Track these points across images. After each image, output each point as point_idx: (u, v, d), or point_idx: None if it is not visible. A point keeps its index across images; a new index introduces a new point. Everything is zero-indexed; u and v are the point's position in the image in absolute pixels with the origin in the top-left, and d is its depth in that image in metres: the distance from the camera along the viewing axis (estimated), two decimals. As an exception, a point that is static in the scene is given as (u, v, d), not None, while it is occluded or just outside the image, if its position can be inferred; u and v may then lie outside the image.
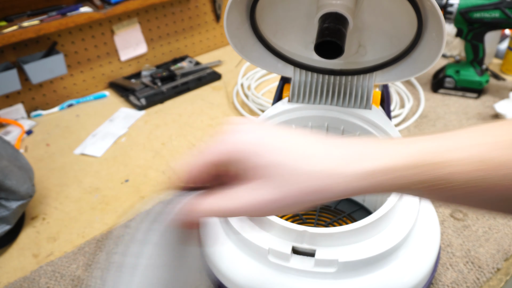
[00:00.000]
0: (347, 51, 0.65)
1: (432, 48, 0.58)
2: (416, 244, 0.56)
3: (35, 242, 0.76)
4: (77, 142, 1.01)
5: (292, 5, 0.62)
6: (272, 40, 0.65)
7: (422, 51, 0.60)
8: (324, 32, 0.54)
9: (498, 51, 1.28)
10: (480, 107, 1.07)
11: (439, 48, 0.56)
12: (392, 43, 0.63)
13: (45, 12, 1.03)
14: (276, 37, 0.65)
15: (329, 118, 0.67)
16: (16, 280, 0.68)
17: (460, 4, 1.00)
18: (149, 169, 0.92)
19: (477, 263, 0.68)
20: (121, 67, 1.24)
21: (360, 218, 0.68)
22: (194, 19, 1.33)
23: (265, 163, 0.34)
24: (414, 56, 0.62)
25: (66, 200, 0.85)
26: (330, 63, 0.66)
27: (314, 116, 0.67)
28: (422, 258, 0.55)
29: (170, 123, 1.07)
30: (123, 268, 0.37)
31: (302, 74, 0.67)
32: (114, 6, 1.08)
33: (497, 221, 0.75)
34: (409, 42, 0.61)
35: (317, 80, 0.67)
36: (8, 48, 1.02)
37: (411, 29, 0.60)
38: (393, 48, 0.63)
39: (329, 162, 0.33)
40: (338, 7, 0.55)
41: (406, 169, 0.32)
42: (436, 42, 0.56)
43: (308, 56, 0.66)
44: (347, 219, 0.71)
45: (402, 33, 0.62)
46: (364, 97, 0.66)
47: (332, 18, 0.55)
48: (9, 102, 1.08)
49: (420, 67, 0.61)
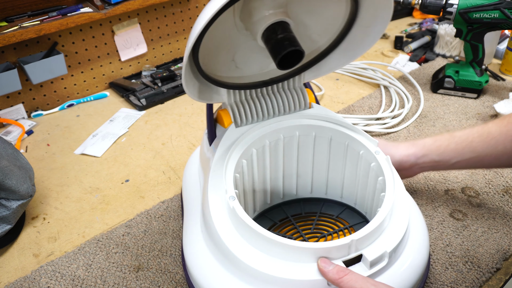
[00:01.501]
0: (266, 59, 0.64)
1: (362, 37, 0.61)
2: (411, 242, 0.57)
3: (36, 242, 0.76)
4: (78, 142, 1.01)
5: (216, 30, 0.56)
6: (205, 68, 0.59)
7: (350, 43, 0.62)
8: (284, 43, 0.53)
9: (497, 52, 1.28)
10: (479, 107, 1.07)
11: (371, 35, 0.60)
12: (316, 41, 0.64)
13: (46, 12, 1.03)
14: (207, 65, 0.60)
15: (283, 129, 0.66)
16: (16, 279, 0.69)
17: (459, 4, 1.00)
18: (149, 169, 0.92)
19: (477, 263, 0.68)
20: (122, 67, 1.24)
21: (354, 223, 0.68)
22: (194, 19, 1.33)
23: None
24: (339, 50, 0.64)
25: (66, 200, 0.85)
26: (259, 76, 0.65)
27: (270, 133, 0.65)
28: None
29: (170, 123, 1.07)
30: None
31: (236, 95, 0.64)
32: (115, 7, 1.08)
33: (496, 221, 0.75)
34: (335, 37, 0.62)
35: (252, 96, 0.65)
36: (9, 48, 1.02)
37: (339, 22, 0.61)
38: (318, 44, 0.64)
39: None
40: (278, 15, 0.55)
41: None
42: (370, 29, 0.59)
43: (236, 75, 0.64)
44: (347, 231, 0.71)
45: (327, 29, 0.62)
46: (301, 98, 0.67)
47: (281, 27, 0.54)
48: (10, 102, 1.08)
49: (348, 58, 0.64)
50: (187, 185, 0.73)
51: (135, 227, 0.77)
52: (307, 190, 0.75)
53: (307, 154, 0.70)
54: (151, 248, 0.73)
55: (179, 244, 0.73)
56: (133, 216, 0.80)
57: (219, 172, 0.58)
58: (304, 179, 0.74)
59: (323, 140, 0.68)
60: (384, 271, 0.52)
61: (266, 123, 0.65)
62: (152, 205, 0.82)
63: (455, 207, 0.78)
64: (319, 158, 0.70)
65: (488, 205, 0.78)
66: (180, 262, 0.70)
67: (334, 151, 0.68)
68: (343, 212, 0.73)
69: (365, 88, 1.18)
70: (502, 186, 0.83)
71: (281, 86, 0.67)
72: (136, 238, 0.75)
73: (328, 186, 0.74)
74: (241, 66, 0.64)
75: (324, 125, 0.66)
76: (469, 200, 0.80)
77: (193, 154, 0.79)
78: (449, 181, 0.84)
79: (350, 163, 0.68)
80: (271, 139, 0.66)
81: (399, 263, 0.54)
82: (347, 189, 0.72)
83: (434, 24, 1.50)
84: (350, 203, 0.73)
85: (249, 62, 0.64)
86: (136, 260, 0.71)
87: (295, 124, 0.66)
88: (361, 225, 0.70)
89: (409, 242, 0.56)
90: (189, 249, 0.59)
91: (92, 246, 0.74)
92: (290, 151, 0.69)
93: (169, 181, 0.88)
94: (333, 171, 0.71)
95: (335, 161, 0.70)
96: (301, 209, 0.74)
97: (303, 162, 0.71)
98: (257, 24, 0.55)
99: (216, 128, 0.66)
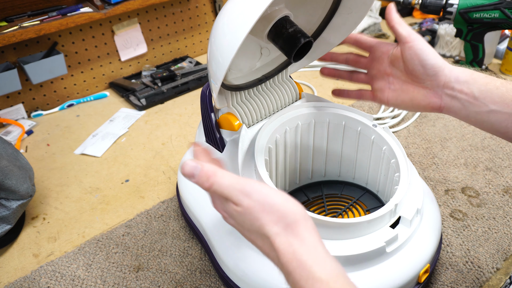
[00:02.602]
0: (253, 57, 0.66)
1: (342, 27, 0.63)
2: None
3: (36, 242, 0.76)
4: (78, 142, 1.01)
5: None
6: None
7: (330, 33, 0.64)
8: (297, 36, 0.55)
9: (497, 51, 1.28)
10: (479, 107, 1.07)
11: (352, 24, 0.62)
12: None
13: (46, 12, 1.03)
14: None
15: (289, 121, 0.68)
16: (16, 280, 0.69)
17: (459, 4, 1.00)
18: (149, 169, 0.92)
19: (477, 263, 0.68)
20: (121, 67, 1.24)
21: (368, 203, 0.73)
22: (194, 19, 1.33)
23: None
24: (319, 40, 0.66)
25: (66, 200, 0.85)
26: (250, 75, 0.66)
27: (279, 127, 0.67)
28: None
29: (170, 123, 1.07)
30: None
31: (237, 97, 0.64)
32: (114, 7, 1.08)
33: (496, 221, 0.75)
34: (317, 27, 0.64)
35: (251, 95, 0.66)
36: (9, 48, 1.02)
37: (321, 12, 0.63)
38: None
39: None
40: (283, 10, 0.56)
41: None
42: (352, 17, 0.61)
43: (231, 77, 0.64)
44: (357, 205, 0.74)
45: (311, 20, 0.64)
46: (292, 90, 0.69)
47: (288, 22, 0.56)
48: (10, 102, 1.08)
49: (327, 47, 0.66)
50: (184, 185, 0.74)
51: (135, 227, 0.77)
52: (307, 176, 0.78)
53: (308, 141, 0.73)
54: (151, 248, 0.73)
55: (179, 244, 0.73)
56: (133, 216, 0.80)
57: (249, 174, 0.60)
58: (305, 166, 0.77)
59: (322, 125, 0.71)
60: (418, 228, 0.58)
61: (272, 118, 0.67)
62: (152, 205, 0.82)
63: (455, 207, 0.78)
64: (318, 142, 0.74)
65: (488, 205, 0.78)
66: (180, 262, 0.70)
67: (332, 133, 0.72)
68: (344, 188, 0.77)
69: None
70: (502, 186, 0.83)
71: (272, 81, 0.68)
72: (136, 238, 0.75)
73: (326, 168, 0.77)
74: (233, 68, 0.64)
75: (322, 110, 0.70)
76: (469, 200, 0.80)
77: (186, 154, 0.79)
78: (449, 181, 0.84)
79: (348, 141, 0.71)
80: (280, 133, 0.68)
81: (424, 221, 0.60)
82: (345, 167, 0.76)
83: (434, 24, 1.50)
84: (348, 179, 0.77)
85: (238, 62, 0.64)
86: (136, 260, 0.71)
87: (298, 115, 0.69)
88: (365, 195, 0.75)
89: (425, 206, 0.62)
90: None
91: (92, 246, 0.74)
92: (294, 141, 0.72)
93: (169, 181, 0.88)
94: (331, 152, 0.75)
95: (333, 142, 0.73)
96: (306, 196, 0.77)
97: (304, 149, 0.74)
98: (262, 23, 0.56)
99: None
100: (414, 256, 0.57)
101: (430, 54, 0.56)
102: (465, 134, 0.97)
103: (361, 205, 0.73)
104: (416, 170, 0.65)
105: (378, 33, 1.46)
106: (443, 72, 0.56)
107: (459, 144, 0.94)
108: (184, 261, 0.70)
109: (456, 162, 0.89)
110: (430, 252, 0.59)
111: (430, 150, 0.93)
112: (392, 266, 0.55)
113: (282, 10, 0.56)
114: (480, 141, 0.95)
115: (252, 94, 0.66)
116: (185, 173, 0.42)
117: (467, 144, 0.94)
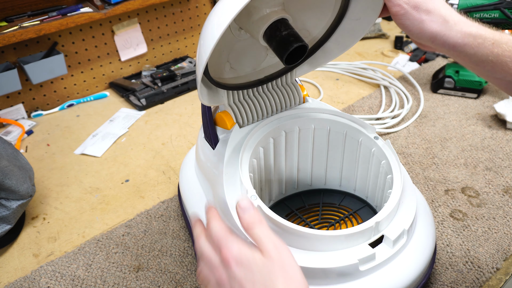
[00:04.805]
0: (258, 57, 0.65)
1: (350, 33, 0.61)
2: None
3: (36, 242, 0.76)
4: (78, 142, 1.01)
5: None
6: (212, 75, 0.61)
7: (339, 36, 0.63)
8: (290, 39, 0.54)
9: (497, 52, 1.28)
10: (479, 107, 1.07)
11: (360, 31, 0.61)
12: (306, 36, 0.64)
13: (46, 12, 1.03)
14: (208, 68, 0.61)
15: (284, 124, 0.67)
16: (16, 279, 0.69)
17: (459, 4, 1.00)
18: (149, 169, 0.92)
19: (477, 263, 0.68)
20: (121, 67, 1.24)
21: (365, 217, 0.70)
22: (194, 19, 1.33)
23: None
24: (328, 45, 0.65)
25: (66, 200, 0.85)
26: (253, 75, 0.65)
27: (273, 130, 0.66)
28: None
29: (170, 123, 1.07)
30: None
31: (234, 96, 0.64)
32: (114, 7, 1.08)
33: (496, 221, 0.75)
34: (324, 32, 0.63)
35: (250, 95, 0.66)
36: (9, 48, 1.02)
37: (329, 17, 0.62)
38: (308, 39, 0.64)
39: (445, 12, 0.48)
40: (279, 13, 0.55)
41: (487, 39, 0.47)
42: (360, 21, 0.60)
43: (232, 76, 0.64)
44: (353, 217, 0.72)
45: (317, 24, 0.63)
46: (295, 93, 0.69)
47: (283, 24, 0.55)
48: (10, 102, 1.08)
49: (336, 52, 0.65)
50: (186, 186, 0.73)
51: (135, 227, 0.77)
52: (307, 183, 0.77)
53: (307, 147, 0.71)
54: (151, 248, 0.73)
55: (179, 244, 0.73)
56: (133, 216, 0.80)
57: (233, 173, 0.59)
58: (304, 172, 0.75)
59: (322, 132, 0.69)
60: (403, 249, 0.55)
61: (268, 120, 0.66)
62: (152, 205, 0.82)
63: (455, 207, 0.78)
64: (318, 149, 0.72)
65: (488, 205, 0.78)
66: (180, 262, 0.70)
67: (333, 141, 0.70)
68: (344, 199, 0.75)
69: (365, 88, 1.18)
70: (502, 186, 0.83)
71: (275, 83, 0.68)
72: (136, 238, 0.75)
73: (327, 176, 0.76)
74: (235, 67, 0.64)
75: (322, 117, 0.68)
76: (469, 200, 0.80)
77: (188, 155, 0.79)
78: (449, 181, 0.84)
79: (349, 151, 0.70)
80: (275, 136, 0.67)
81: (413, 242, 0.57)
82: (346, 177, 0.74)
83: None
84: (349, 190, 0.75)
85: (242, 61, 0.64)
86: (136, 260, 0.71)
87: (295, 119, 0.67)
88: (364, 209, 0.72)
89: (418, 221, 0.60)
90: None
91: (92, 246, 0.74)
92: (292, 146, 0.70)
93: (169, 181, 0.88)
94: (332, 160, 0.73)
95: (334, 151, 0.72)
96: (304, 202, 0.75)
97: (303, 155, 0.73)
98: (258, 23, 0.55)
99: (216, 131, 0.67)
100: (394, 278, 0.53)
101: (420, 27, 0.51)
102: (465, 134, 0.97)
103: (357, 218, 0.71)
104: (414, 188, 0.62)
105: (378, 33, 1.46)
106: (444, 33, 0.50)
107: (459, 144, 0.94)
108: (184, 261, 0.70)
109: (456, 162, 0.89)
110: (413, 275, 0.55)
111: (430, 150, 0.93)
112: (366, 286, 0.52)
113: (279, 12, 0.55)
114: (480, 141, 0.95)
115: (252, 94, 0.66)
116: (243, 204, 0.44)
117: (467, 144, 0.94)
